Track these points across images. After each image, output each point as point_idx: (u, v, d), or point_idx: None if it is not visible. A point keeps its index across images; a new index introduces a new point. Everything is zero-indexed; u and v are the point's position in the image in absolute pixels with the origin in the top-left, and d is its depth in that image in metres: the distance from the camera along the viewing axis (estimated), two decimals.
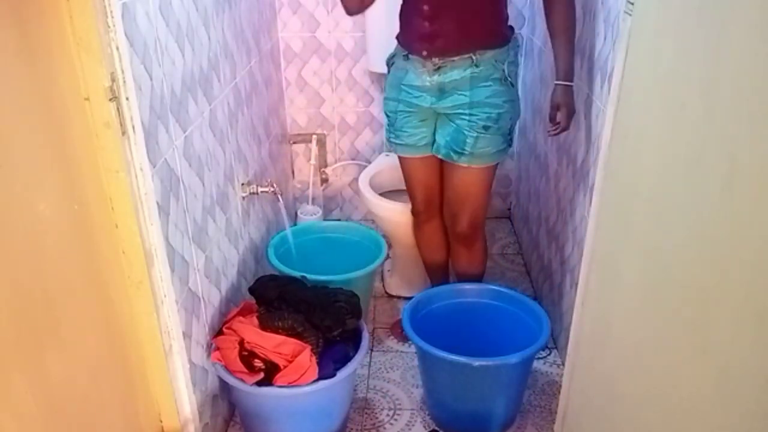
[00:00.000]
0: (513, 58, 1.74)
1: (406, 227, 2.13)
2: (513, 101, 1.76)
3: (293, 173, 2.84)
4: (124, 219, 1.18)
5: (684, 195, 0.87)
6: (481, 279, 2.06)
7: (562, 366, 1.95)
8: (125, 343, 1.27)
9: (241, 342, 1.58)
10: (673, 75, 0.91)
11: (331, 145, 2.79)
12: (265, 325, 1.60)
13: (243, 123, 1.95)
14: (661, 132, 0.95)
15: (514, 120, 1.79)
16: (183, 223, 1.43)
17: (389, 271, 2.45)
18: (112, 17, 1.06)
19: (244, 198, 1.93)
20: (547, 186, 2.20)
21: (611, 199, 1.17)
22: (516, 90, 1.77)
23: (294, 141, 2.76)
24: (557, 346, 2.07)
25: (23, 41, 0.94)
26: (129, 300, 1.25)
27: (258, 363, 1.56)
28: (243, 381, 1.55)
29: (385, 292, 2.44)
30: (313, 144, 2.75)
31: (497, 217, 2.89)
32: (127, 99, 1.12)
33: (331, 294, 1.72)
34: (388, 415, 1.87)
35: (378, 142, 2.78)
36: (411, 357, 2.09)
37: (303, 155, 2.80)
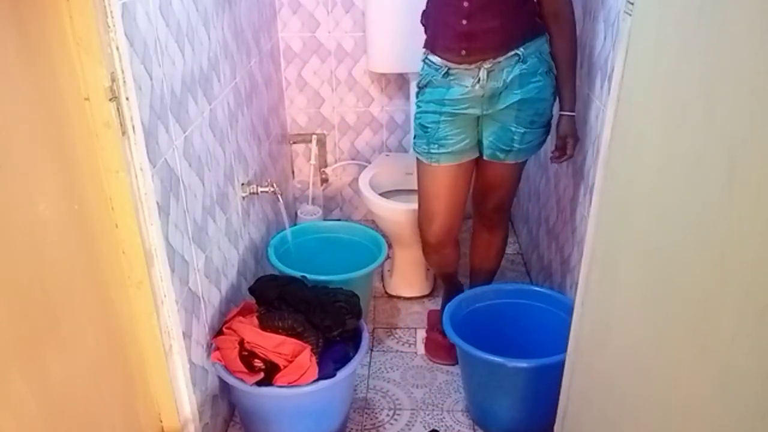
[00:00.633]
0: (549, 46, 1.70)
1: (406, 227, 2.13)
2: (554, 91, 1.73)
3: (293, 173, 2.84)
4: (124, 219, 1.18)
5: (684, 195, 0.87)
6: (493, 278, 2.07)
7: None
8: (125, 343, 1.27)
9: (241, 342, 1.58)
10: (673, 75, 0.91)
11: (331, 145, 2.79)
12: (265, 325, 1.60)
13: (243, 123, 1.95)
14: (661, 132, 0.95)
15: (552, 110, 1.76)
16: (183, 223, 1.43)
17: (389, 271, 2.45)
18: (112, 17, 1.06)
19: (244, 198, 1.93)
20: (547, 186, 2.20)
21: (611, 199, 1.17)
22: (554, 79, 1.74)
23: (294, 141, 2.76)
24: None
25: (23, 41, 0.94)
26: (129, 300, 1.25)
27: (258, 363, 1.56)
28: (243, 381, 1.55)
29: (385, 292, 2.44)
30: (313, 144, 2.75)
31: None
32: (127, 99, 1.12)
33: (331, 294, 1.72)
34: (388, 415, 1.87)
35: (378, 142, 2.78)
36: (411, 357, 2.09)
37: (303, 155, 2.80)
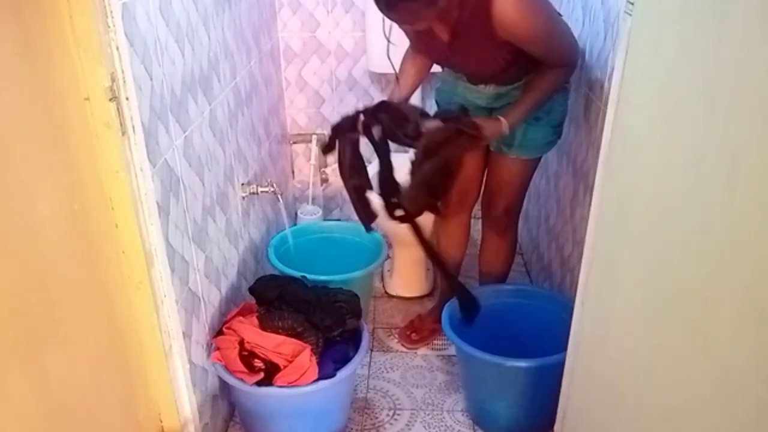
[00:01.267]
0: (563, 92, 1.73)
1: (405, 227, 2.12)
2: (565, 92, 1.73)
3: (293, 173, 2.84)
4: (124, 219, 1.18)
5: (684, 195, 0.87)
6: (504, 281, 2.06)
7: None
8: (125, 343, 1.27)
9: (241, 342, 1.58)
10: (673, 75, 0.91)
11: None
12: (265, 325, 1.60)
13: (243, 123, 1.95)
14: (661, 132, 0.95)
15: (564, 113, 1.76)
16: (183, 223, 1.43)
17: (389, 271, 2.45)
18: (112, 17, 1.06)
19: (244, 198, 1.93)
20: (547, 186, 2.20)
21: (611, 199, 1.17)
22: (569, 85, 1.75)
23: (294, 141, 2.76)
24: None
25: (23, 41, 0.94)
26: (129, 300, 1.25)
27: (258, 363, 1.56)
28: (243, 381, 1.55)
29: (385, 292, 2.44)
30: (313, 144, 2.75)
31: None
32: (127, 99, 1.12)
33: (331, 294, 1.72)
34: (388, 415, 1.87)
35: None
36: (411, 357, 2.09)
37: (303, 155, 2.80)
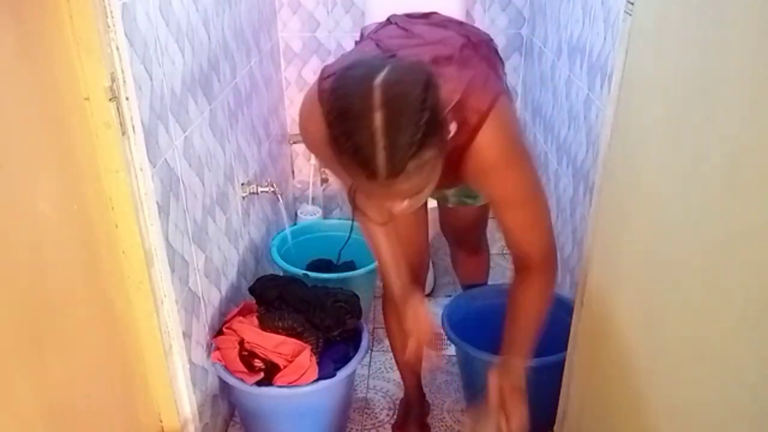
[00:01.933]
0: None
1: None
2: None
3: (293, 173, 2.83)
4: (124, 219, 1.18)
5: (684, 195, 0.87)
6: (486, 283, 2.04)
7: None
8: (125, 343, 1.27)
9: (241, 342, 1.58)
10: (673, 75, 0.91)
11: None
12: (265, 325, 1.60)
13: (243, 123, 1.95)
14: (661, 132, 0.95)
15: None
16: (183, 223, 1.43)
17: None
18: (112, 17, 1.06)
19: (244, 198, 1.93)
20: (547, 186, 2.20)
21: (611, 199, 1.17)
22: None
23: (294, 141, 2.76)
24: None
25: (23, 41, 0.94)
26: (129, 300, 1.25)
27: (258, 363, 1.56)
28: (243, 381, 1.55)
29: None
30: None
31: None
32: (127, 99, 1.12)
33: (331, 294, 1.72)
34: (388, 415, 1.87)
35: None
36: None
37: (303, 155, 2.80)
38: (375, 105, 0.87)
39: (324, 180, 2.84)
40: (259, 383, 1.54)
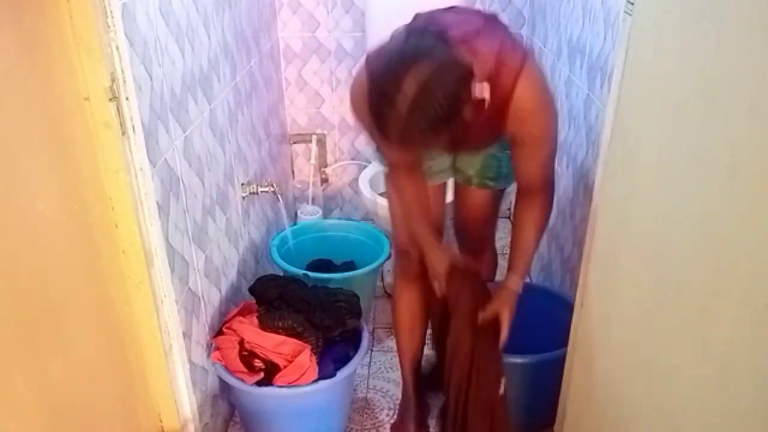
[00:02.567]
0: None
1: None
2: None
3: (293, 173, 2.84)
4: (124, 219, 1.18)
5: (684, 195, 0.87)
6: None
7: None
8: (125, 343, 1.27)
9: (241, 342, 1.58)
10: (673, 75, 0.91)
11: (331, 145, 2.79)
12: (265, 325, 1.60)
13: (243, 123, 1.95)
14: (661, 131, 0.95)
15: None
16: (183, 223, 1.43)
17: (390, 271, 2.45)
18: (112, 17, 1.06)
19: (244, 198, 1.93)
20: None
21: (611, 199, 1.17)
22: None
23: (294, 141, 2.76)
24: None
25: (23, 41, 0.94)
26: (129, 300, 1.25)
27: (258, 363, 1.56)
28: (243, 381, 1.55)
29: (385, 292, 2.43)
30: (313, 144, 2.75)
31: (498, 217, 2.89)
32: (127, 99, 1.12)
33: (331, 294, 1.72)
34: (388, 415, 1.87)
35: None
36: None
37: (303, 155, 2.80)
38: (405, 91, 1.04)
39: (324, 180, 2.84)
40: (259, 383, 1.54)
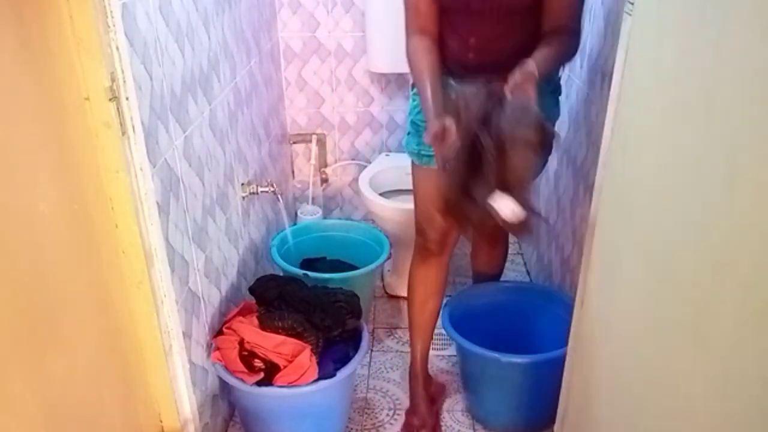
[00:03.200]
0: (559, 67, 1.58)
1: (406, 227, 2.12)
2: (559, 107, 1.64)
3: (293, 173, 2.84)
4: (124, 219, 1.18)
5: (684, 195, 0.87)
6: (498, 279, 2.06)
7: None
8: (125, 343, 1.27)
9: (241, 342, 1.58)
10: (673, 75, 0.91)
11: (331, 145, 2.79)
12: (265, 325, 1.60)
13: (243, 123, 1.95)
14: (661, 132, 0.95)
15: (554, 128, 1.60)
16: (183, 223, 1.43)
17: (389, 271, 2.45)
18: (112, 17, 1.06)
19: (244, 198, 1.93)
20: (547, 186, 2.20)
21: (611, 199, 1.17)
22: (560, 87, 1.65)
23: (294, 141, 2.76)
24: None
25: (23, 41, 0.94)
26: (129, 300, 1.25)
27: (258, 363, 1.56)
28: (243, 381, 1.55)
29: (385, 292, 2.44)
30: (313, 144, 2.75)
31: None
32: (127, 99, 1.12)
33: (331, 294, 1.72)
34: (388, 415, 1.87)
35: (378, 142, 2.78)
36: None
37: (303, 155, 2.80)
38: None
39: (324, 180, 2.84)
40: (259, 383, 1.54)
